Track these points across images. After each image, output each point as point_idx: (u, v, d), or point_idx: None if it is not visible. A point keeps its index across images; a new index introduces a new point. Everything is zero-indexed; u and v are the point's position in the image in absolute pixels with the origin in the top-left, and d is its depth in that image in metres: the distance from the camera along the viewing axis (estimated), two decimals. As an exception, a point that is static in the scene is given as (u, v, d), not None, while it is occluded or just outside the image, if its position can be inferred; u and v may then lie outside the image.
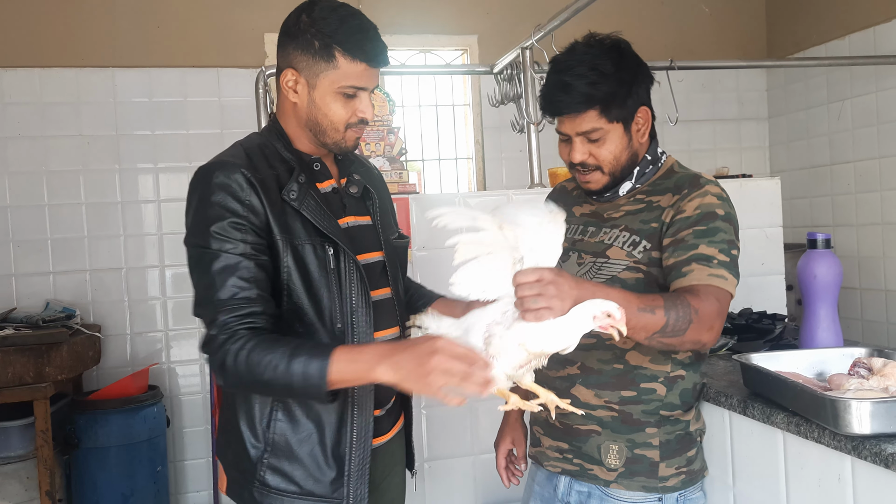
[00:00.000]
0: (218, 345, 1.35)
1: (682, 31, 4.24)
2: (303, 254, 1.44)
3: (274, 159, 1.50)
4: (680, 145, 4.24)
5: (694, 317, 1.41)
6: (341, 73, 1.44)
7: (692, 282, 1.48)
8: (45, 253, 3.54)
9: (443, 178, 4.25)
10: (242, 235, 1.39)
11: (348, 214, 1.56)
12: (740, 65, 4.10)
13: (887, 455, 1.23)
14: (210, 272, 1.38)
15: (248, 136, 1.57)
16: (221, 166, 1.44)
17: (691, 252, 1.50)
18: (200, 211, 1.42)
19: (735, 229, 1.56)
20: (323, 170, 1.55)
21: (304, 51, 1.45)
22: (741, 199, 2.71)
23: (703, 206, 1.54)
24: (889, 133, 3.65)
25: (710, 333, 1.46)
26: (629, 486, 1.57)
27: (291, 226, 1.44)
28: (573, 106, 1.55)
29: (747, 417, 1.59)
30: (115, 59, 3.63)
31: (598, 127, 1.56)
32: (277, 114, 1.56)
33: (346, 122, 1.49)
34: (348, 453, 1.46)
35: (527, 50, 2.81)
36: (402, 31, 4.06)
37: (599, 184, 1.62)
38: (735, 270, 1.52)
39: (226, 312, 1.36)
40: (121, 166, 3.63)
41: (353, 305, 1.47)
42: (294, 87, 1.48)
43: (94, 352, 3.32)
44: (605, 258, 1.60)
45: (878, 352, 1.65)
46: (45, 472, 2.85)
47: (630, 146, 1.61)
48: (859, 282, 3.85)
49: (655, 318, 1.39)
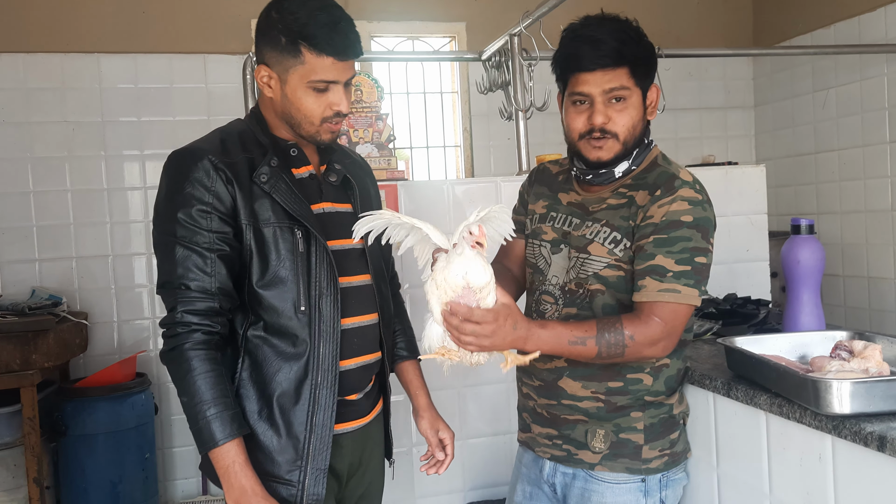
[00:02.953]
0: (173, 334, 1.44)
1: (669, 19, 4.25)
2: (266, 236, 1.46)
3: (251, 144, 1.52)
4: (667, 133, 4.26)
5: (629, 342, 1.47)
6: (309, 68, 1.45)
7: (643, 298, 1.50)
8: (30, 240, 3.51)
9: (431, 166, 4.25)
10: (208, 224, 1.43)
11: (325, 200, 1.57)
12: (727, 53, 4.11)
13: (866, 434, 1.26)
14: (174, 258, 1.44)
15: (231, 122, 1.59)
16: (190, 153, 1.47)
17: (648, 263, 1.51)
18: (169, 197, 1.46)
19: (705, 234, 1.52)
20: (300, 156, 1.56)
21: (272, 47, 1.46)
22: (727, 186, 2.76)
23: (670, 213, 1.51)
24: (873, 121, 3.68)
25: (654, 349, 1.50)
26: (613, 467, 1.59)
27: (259, 209, 1.46)
28: (603, 60, 1.51)
29: (731, 399, 1.61)
30: (101, 45, 3.60)
31: (626, 86, 1.53)
32: (259, 102, 1.59)
33: (320, 117, 1.50)
34: (307, 436, 1.48)
35: (515, 37, 2.81)
36: (390, 17, 4.05)
37: (612, 152, 1.57)
38: (696, 279, 1.49)
39: (185, 303, 1.43)
40: (107, 153, 3.61)
41: (321, 290, 1.49)
42: (268, 82, 1.50)
43: (81, 339, 3.31)
44: (587, 254, 1.60)
45: (859, 335, 1.67)
46: (32, 460, 2.84)
47: (643, 120, 1.58)
48: (842, 269, 3.89)
49: (587, 349, 1.47)
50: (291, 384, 1.48)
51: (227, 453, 1.40)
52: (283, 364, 1.48)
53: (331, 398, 1.49)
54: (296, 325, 1.47)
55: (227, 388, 1.43)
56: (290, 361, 1.48)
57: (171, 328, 1.44)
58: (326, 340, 1.49)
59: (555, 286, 1.65)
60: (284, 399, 1.47)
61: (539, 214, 1.73)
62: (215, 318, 1.45)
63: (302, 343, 1.48)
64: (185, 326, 1.42)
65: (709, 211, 1.55)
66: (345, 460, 1.57)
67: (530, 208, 1.77)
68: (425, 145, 4.23)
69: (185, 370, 1.41)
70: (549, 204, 1.73)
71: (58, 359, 3.02)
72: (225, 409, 1.41)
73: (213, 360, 1.43)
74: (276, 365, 1.48)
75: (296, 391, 1.47)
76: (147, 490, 3.31)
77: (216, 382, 1.42)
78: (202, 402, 1.40)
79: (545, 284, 1.67)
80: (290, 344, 1.48)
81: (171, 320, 1.44)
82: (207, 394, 1.40)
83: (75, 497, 3.17)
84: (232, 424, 1.41)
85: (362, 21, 4.01)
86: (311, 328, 1.48)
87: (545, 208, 1.73)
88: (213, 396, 1.40)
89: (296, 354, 1.48)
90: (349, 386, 1.56)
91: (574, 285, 1.61)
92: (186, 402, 1.42)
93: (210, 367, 1.42)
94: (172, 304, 1.44)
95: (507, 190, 2.58)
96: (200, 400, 1.40)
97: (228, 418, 1.41)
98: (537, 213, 1.74)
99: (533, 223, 1.74)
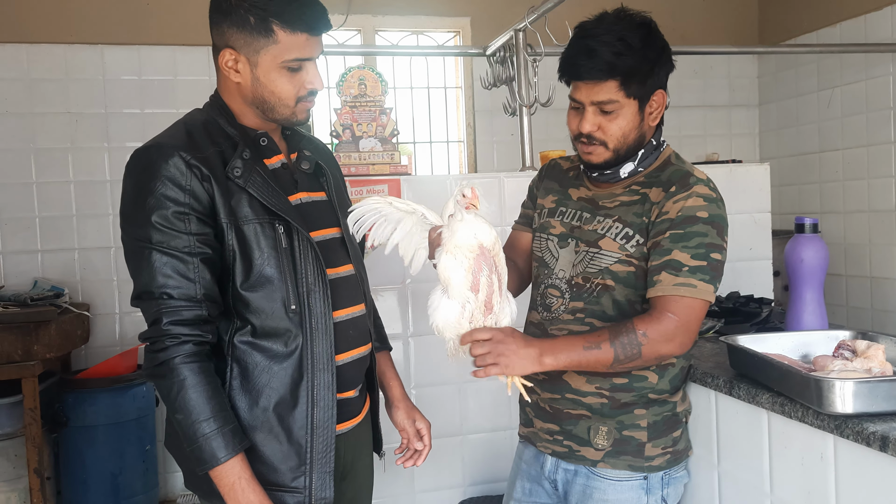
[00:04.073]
0: (161, 347, 1.33)
1: (675, 16, 4.24)
2: (247, 234, 1.38)
3: (218, 136, 1.42)
4: (671, 131, 4.20)
5: (643, 339, 1.46)
6: (283, 47, 1.38)
7: (657, 292, 1.50)
8: (32, 231, 3.52)
9: (434, 162, 4.24)
10: (186, 226, 1.33)
11: (300, 190, 1.50)
12: (732, 51, 4.10)
13: (869, 434, 1.25)
14: (152, 266, 1.33)
15: (191, 113, 1.50)
16: (158, 149, 1.36)
17: (664, 258, 1.51)
18: (139, 199, 1.34)
19: (720, 231, 1.52)
20: (270, 145, 1.48)
21: (239, 28, 1.38)
22: (730, 184, 2.75)
23: (686, 208, 1.51)
24: (877, 121, 3.67)
25: (671, 345, 1.49)
26: (616, 465, 1.59)
27: (237, 205, 1.37)
28: (594, 72, 1.52)
29: (733, 398, 1.61)
30: (105, 37, 3.59)
31: (614, 99, 1.53)
32: (220, 90, 1.48)
33: (295, 97, 1.42)
34: (309, 440, 1.41)
35: (520, 32, 2.80)
36: (395, 12, 4.03)
37: (601, 158, 1.59)
38: (712, 275, 1.50)
39: (170, 314, 1.33)
40: (110, 144, 3.60)
41: (309, 286, 1.42)
42: (235, 66, 1.41)
43: (83, 330, 3.31)
44: (597, 248, 1.60)
45: (862, 335, 1.67)
46: (33, 450, 2.85)
47: (640, 127, 1.58)
48: (845, 268, 3.88)
49: (603, 353, 1.46)
50: (287, 388, 1.40)
51: (232, 470, 1.33)
52: (276, 367, 1.40)
53: (330, 396, 1.43)
54: (287, 325, 1.40)
55: (224, 401, 1.35)
56: (282, 363, 1.40)
57: (158, 341, 1.33)
58: (320, 337, 1.42)
59: (561, 280, 1.64)
60: (282, 407, 1.40)
61: (548, 209, 1.74)
62: (204, 327, 1.35)
63: (294, 341, 1.40)
64: (174, 339, 1.32)
65: (722, 209, 1.55)
66: (339, 463, 1.51)
67: (539, 202, 1.77)
68: (429, 140, 4.23)
69: (177, 385, 1.31)
70: (558, 199, 1.73)
71: (59, 350, 3.02)
72: (225, 424, 1.33)
73: (207, 372, 1.34)
74: (268, 370, 1.40)
75: (292, 395, 1.40)
76: (147, 482, 3.32)
77: (213, 395, 1.33)
78: (199, 419, 1.31)
79: (551, 278, 1.67)
80: (282, 344, 1.40)
81: (157, 333, 1.33)
82: (205, 408, 1.31)
83: (76, 488, 3.17)
84: (234, 439, 1.33)
85: (367, 15, 4.00)
86: (303, 326, 1.40)
87: (554, 203, 1.73)
88: (210, 411, 1.32)
89: (288, 353, 1.40)
90: (346, 381, 1.50)
91: (581, 279, 1.61)
92: (182, 420, 1.32)
93: (204, 380, 1.33)
94: (155, 315, 1.34)
95: (510, 186, 2.57)
96: (197, 416, 1.31)
97: (230, 433, 1.33)
98: (546, 207, 1.74)
99: (541, 217, 1.74)
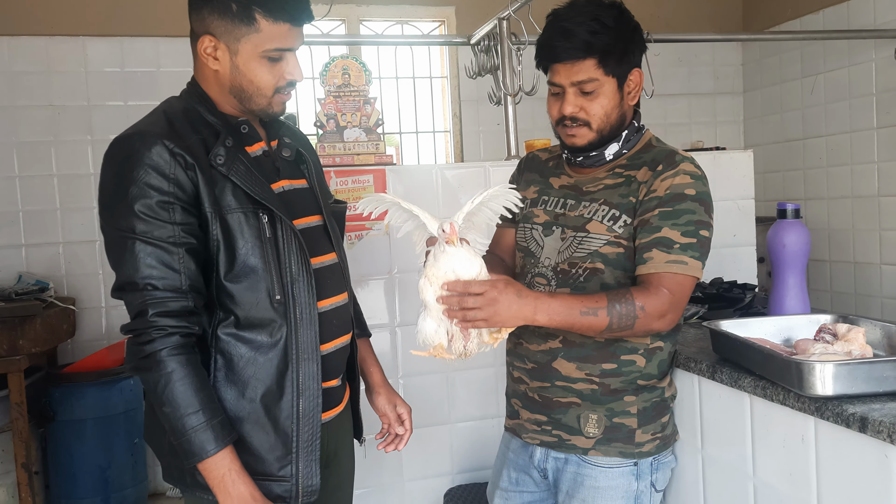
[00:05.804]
0: (147, 339, 1.31)
1: (659, 3, 4.24)
2: (231, 224, 1.37)
3: (199, 124, 1.41)
4: (656, 119, 4.26)
5: (640, 313, 1.47)
6: (264, 37, 1.37)
7: (650, 269, 1.51)
8: (16, 225, 3.49)
9: (420, 152, 4.24)
10: (171, 216, 1.31)
11: (282, 178, 1.49)
12: (716, 38, 4.11)
13: (848, 415, 1.27)
14: (135, 256, 1.31)
15: (168, 101, 1.47)
16: (140, 137, 1.34)
17: (654, 235, 1.52)
18: (121, 188, 1.32)
19: (707, 208, 1.55)
20: (251, 132, 1.46)
21: (220, 15, 1.37)
22: (715, 171, 2.75)
23: (674, 186, 1.53)
24: (860, 107, 3.70)
25: (662, 322, 1.51)
26: (607, 452, 1.61)
27: (220, 194, 1.36)
28: (572, 52, 1.53)
29: (716, 382, 1.63)
30: (86, 28, 3.56)
31: (594, 77, 1.55)
32: (197, 78, 1.47)
33: (273, 87, 1.42)
34: (295, 430, 1.41)
35: (504, 20, 2.80)
36: (379, 1, 4.02)
37: (585, 139, 1.60)
38: (701, 251, 1.52)
39: (156, 305, 1.31)
40: (93, 137, 3.58)
41: (293, 275, 1.41)
42: (213, 54, 1.40)
43: (69, 325, 3.29)
44: (585, 232, 1.61)
45: (843, 318, 1.68)
46: (20, 445, 2.84)
47: (620, 106, 1.60)
48: (829, 254, 3.92)
49: (598, 320, 1.46)
50: (272, 379, 1.39)
51: (222, 462, 1.32)
52: (261, 358, 1.39)
53: (315, 386, 1.43)
54: (272, 316, 1.39)
55: (211, 394, 1.34)
56: (267, 353, 1.39)
57: (144, 333, 1.31)
58: (305, 327, 1.41)
59: (547, 267, 1.65)
60: (268, 397, 1.39)
61: (530, 199, 1.74)
62: (191, 319, 1.34)
63: (279, 331, 1.40)
64: (161, 330, 1.30)
65: (707, 187, 1.58)
66: (323, 451, 1.50)
67: (521, 195, 1.77)
68: (415, 130, 4.22)
69: (165, 378, 1.30)
70: (540, 188, 1.74)
71: (45, 344, 3.01)
72: (213, 416, 1.32)
73: (194, 364, 1.33)
74: (253, 362, 1.39)
75: (278, 385, 1.40)
76: (136, 475, 3.32)
77: (200, 388, 1.32)
78: (188, 411, 1.30)
79: (538, 266, 1.67)
80: (267, 334, 1.39)
81: (143, 325, 1.31)
82: (193, 401, 1.30)
83: (64, 482, 3.17)
84: (223, 431, 1.32)
85: (351, 5, 3.98)
86: (287, 316, 1.40)
87: (536, 193, 1.74)
88: (199, 403, 1.30)
89: (273, 344, 1.39)
90: (330, 370, 1.51)
91: (567, 265, 1.62)
92: (169, 413, 1.31)
93: (192, 372, 1.32)
94: (140, 307, 1.32)
95: (496, 175, 2.57)
96: (185, 409, 1.30)
97: (219, 425, 1.32)
98: (528, 198, 1.75)
99: (525, 209, 1.75)
